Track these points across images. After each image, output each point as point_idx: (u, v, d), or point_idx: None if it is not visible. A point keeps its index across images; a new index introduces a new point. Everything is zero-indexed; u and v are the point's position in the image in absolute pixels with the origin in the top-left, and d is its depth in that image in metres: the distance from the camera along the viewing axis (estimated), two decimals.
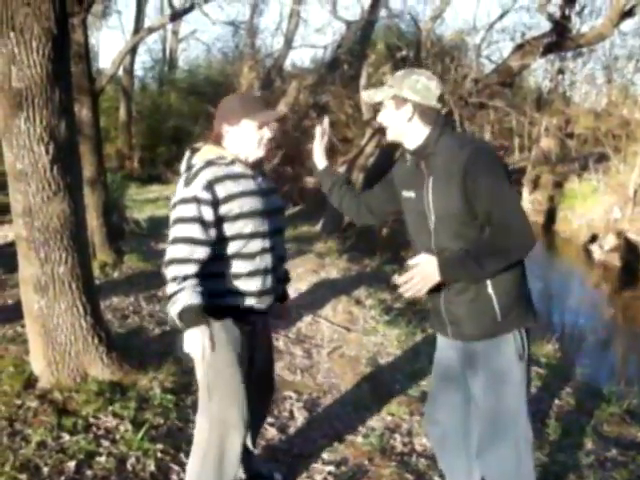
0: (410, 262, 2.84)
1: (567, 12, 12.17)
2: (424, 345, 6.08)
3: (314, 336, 6.21)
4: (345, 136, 20.92)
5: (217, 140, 3.04)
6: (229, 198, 2.88)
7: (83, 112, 7.41)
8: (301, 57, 51.84)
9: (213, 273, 2.94)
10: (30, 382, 4.56)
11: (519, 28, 16.70)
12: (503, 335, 2.87)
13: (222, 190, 2.87)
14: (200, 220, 2.83)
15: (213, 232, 2.87)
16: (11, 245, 8.21)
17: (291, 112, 17.37)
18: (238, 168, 2.99)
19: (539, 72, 22.75)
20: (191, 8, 12.62)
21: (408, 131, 2.86)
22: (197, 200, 2.83)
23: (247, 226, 2.93)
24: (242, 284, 2.97)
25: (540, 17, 13.37)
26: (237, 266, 2.96)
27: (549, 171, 20.90)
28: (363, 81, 15.63)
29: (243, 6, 26.41)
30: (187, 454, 3.81)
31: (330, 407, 4.76)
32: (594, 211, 17.34)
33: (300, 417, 4.55)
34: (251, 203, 2.94)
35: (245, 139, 3.00)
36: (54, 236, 4.31)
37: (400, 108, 2.83)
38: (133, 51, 21.21)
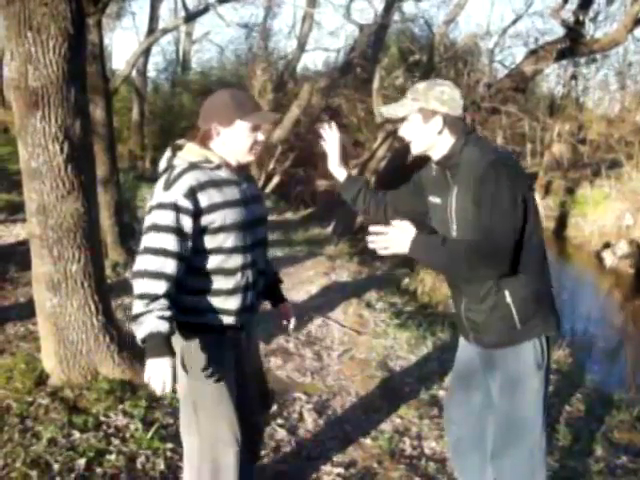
0: (394, 222, 2.81)
1: (581, 18, 12.16)
2: (434, 349, 6.09)
3: (324, 338, 6.22)
4: (357, 139, 20.95)
5: (204, 140, 2.78)
6: (211, 208, 2.66)
7: (97, 112, 7.43)
8: (314, 60, 51.89)
9: (191, 289, 2.76)
10: (41, 379, 4.58)
11: (532, 33, 16.71)
12: (522, 343, 2.87)
13: (205, 199, 2.65)
14: (177, 230, 2.60)
15: (189, 245, 2.65)
16: (23, 244, 8.29)
17: (303, 115, 17.41)
18: (223, 173, 2.77)
19: (552, 77, 22.78)
20: (206, 10, 12.68)
21: (437, 143, 2.84)
22: (176, 208, 2.59)
23: (228, 239, 2.73)
24: (222, 302, 2.79)
25: (554, 23, 13.36)
26: (217, 282, 2.75)
27: (561, 177, 20.83)
28: (376, 84, 15.65)
29: (257, 8, 26.43)
30: None
31: (340, 409, 4.76)
32: (606, 217, 17.29)
33: (310, 419, 4.56)
34: (234, 214, 2.73)
35: (237, 141, 2.76)
36: (67, 234, 4.33)
37: (429, 121, 2.80)
38: (146, 52, 21.29)
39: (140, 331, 2.56)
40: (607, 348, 7.94)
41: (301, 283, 7.91)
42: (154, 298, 2.56)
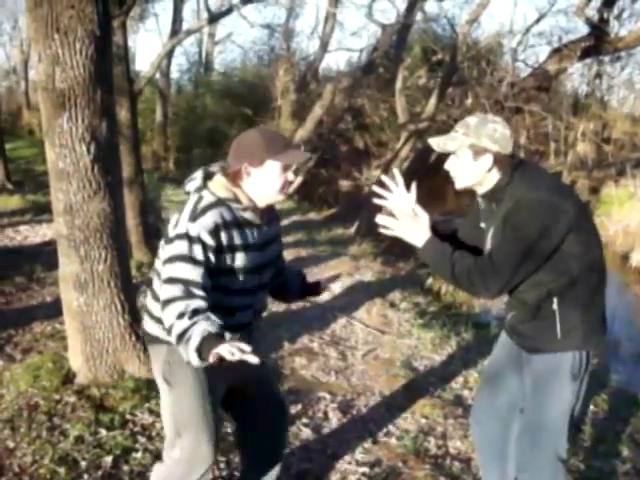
0: (415, 207, 2.85)
1: (605, 15, 12.07)
2: (458, 349, 6.08)
3: (348, 338, 6.23)
4: (379, 139, 20.92)
5: (235, 178, 2.72)
6: (229, 249, 2.65)
7: (122, 113, 7.48)
8: (337, 60, 51.73)
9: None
10: (68, 378, 4.63)
11: (556, 32, 16.61)
12: (562, 352, 2.87)
13: (225, 238, 2.63)
14: (206, 265, 2.58)
15: (210, 282, 2.60)
16: (49, 244, 8.38)
17: (326, 115, 17.41)
18: (249, 215, 2.73)
19: (576, 76, 22.59)
20: (229, 11, 12.72)
21: (484, 179, 2.84)
22: (202, 243, 2.56)
23: (236, 281, 2.73)
24: None
25: (578, 21, 13.26)
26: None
27: (585, 176, 20.67)
28: (399, 84, 15.61)
29: (279, 9, 26.44)
30: (221, 452, 3.88)
31: (364, 408, 4.77)
32: (631, 217, 17.12)
33: (334, 418, 4.57)
34: (246, 258, 2.71)
35: (268, 181, 2.70)
36: (94, 234, 4.36)
37: (478, 158, 2.78)
38: (170, 53, 21.38)
39: (192, 344, 2.39)
40: (632, 348, 7.86)
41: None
42: (193, 312, 2.47)
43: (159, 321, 2.67)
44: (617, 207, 17.98)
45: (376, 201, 2.93)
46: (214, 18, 13.97)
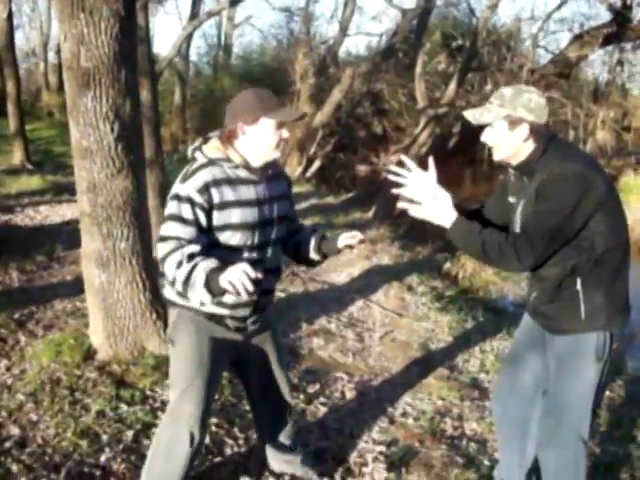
0: (436, 187, 2.86)
1: (628, 2, 11.98)
2: (475, 333, 6.09)
3: (366, 320, 6.26)
4: (397, 125, 20.89)
5: (229, 138, 2.81)
6: (222, 205, 2.73)
7: (143, 94, 7.48)
8: (356, 44, 51.57)
9: None
10: (89, 354, 4.69)
11: (578, 18, 16.54)
12: (585, 333, 2.88)
13: (217, 195, 2.71)
14: (192, 222, 2.68)
15: (204, 239, 2.71)
16: (69, 223, 8.46)
17: (345, 99, 17.40)
18: (242, 172, 2.81)
19: (597, 64, 22.44)
20: None
21: (519, 150, 2.84)
22: (191, 202, 2.67)
23: (234, 237, 2.79)
24: None
25: (600, 7, 13.20)
26: None
27: (604, 164, 20.54)
28: (418, 69, 15.57)
29: None
30: (241, 429, 3.95)
31: (381, 389, 4.80)
32: None
33: (351, 398, 4.61)
34: (242, 214, 2.77)
35: (262, 139, 2.78)
36: (117, 212, 4.41)
37: (515, 129, 2.79)
38: (189, 36, 21.38)
39: (198, 284, 2.52)
40: None
41: (342, 265, 7.95)
42: (189, 257, 2.58)
43: (172, 284, 2.73)
44: (636, 196, 17.87)
45: (394, 190, 2.95)
46: (235, 0, 13.96)
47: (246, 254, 2.83)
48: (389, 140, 20.20)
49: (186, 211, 2.67)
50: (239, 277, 2.42)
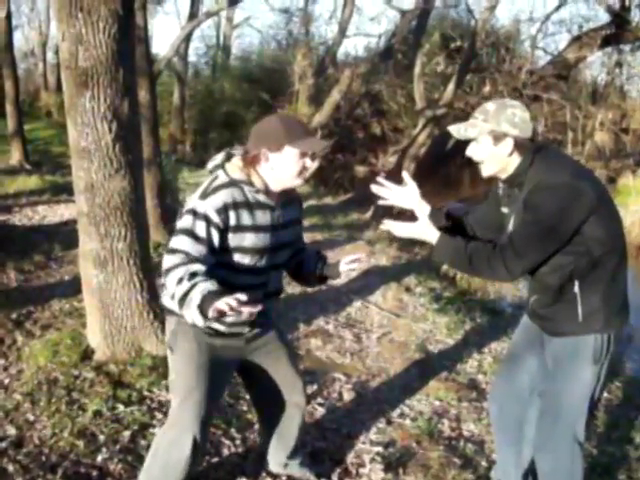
0: (416, 203, 2.96)
1: (627, 3, 11.99)
2: (473, 334, 6.10)
3: (364, 321, 6.26)
4: (396, 126, 20.88)
5: (252, 162, 2.77)
6: (237, 229, 2.71)
7: (141, 94, 7.47)
8: (355, 45, 51.76)
9: None
10: (86, 354, 4.68)
11: (576, 20, 16.52)
12: (583, 335, 2.88)
13: (233, 218, 2.69)
14: (205, 241, 2.64)
15: (212, 258, 2.68)
16: (67, 224, 8.45)
17: (343, 100, 17.39)
18: (261, 197, 2.78)
19: (595, 65, 22.43)
20: None
21: (506, 165, 2.85)
22: (207, 220, 2.64)
23: (243, 259, 2.78)
24: None
25: (599, 9, 13.21)
26: None
27: (602, 166, 20.55)
28: (417, 70, 15.58)
29: None
30: (238, 430, 3.94)
31: (379, 390, 4.80)
32: None
33: (349, 398, 4.61)
34: (255, 239, 2.77)
35: (285, 167, 2.75)
36: (114, 212, 4.40)
37: (499, 143, 2.81)
38: (187, 37, 21.38)
39: (193, 303, 2.44)
40: None
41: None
42: (192, 275, 2.53)
43: (171, 297, 2.69)
44: (634, 198, 17.88)
45: (380, 202, 3.03)
46: (234, 0, 13.95)
47: (251, 276, 2.84)
48: (388, 141, 20.20)
49: (200, 228, 2.64)
50: (231, 306, 2.34)
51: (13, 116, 14.39)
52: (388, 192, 3.00)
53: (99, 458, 3.56)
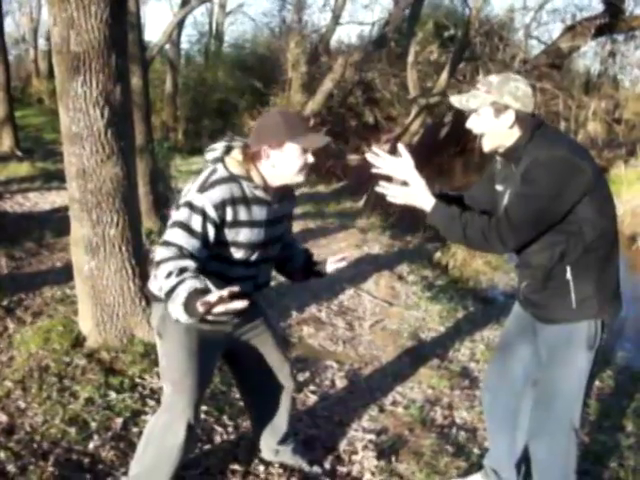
0: (410, 173, 2.89)
1: None
2: (465, 322, 6.11)
3: (356, 309, 6.25)
4: (389, 114, 20.86)
5: (253, 158, 2.76)
6: (233, 224, 2.70)
7: (134, 81, 7.44)
8: (348, 33, 51.59)
9: None
10: (78, 341, 4.66)
11: (570, 9, 16.55)
12: (576, 322, 2.88)
13: (230, 213, 2.68)
14: (200, 235, 2.62)
15: (206, 252, 2.67)
16: (58, 211, 8.42)
17: (337, 89, 17.35)
18: (259, 193, 2.77)
19: (589, 55, 22.45)
20: None
21: (506, 137, 2.84)
22: (204, 215, 2.62)
23: (236, 253, 2.78)
24: None
25: None
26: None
27: (595, 156, 20.56)
28: (410, 59, 15.55)
29: None
30: (230, 416, 3.94)
31: (371, 378, 4.80)
32: (639, 198, 17.09)
33: (341, 386, 4.60)
34: (250, 234, 2.76)
35: (286, 163, 2.73)
36: (106, 199, 4.38)
37: (500, 115, 2.80)
38: (180, 24, 21.26)
39: (178, 300, 2.41)
40: (638, 326, 7.88)
41: (333, 254, 7.90)
42: (181, 270, 2.49)
43: (160, 290, 2.67)
44: (626, 187, 17.91)
45: (373, 170, 2.99)
46: None
47: (243, 268, 2.84)
48: (380, 129, 20.18)
49: (196, 222, 2.62)
50: (222, 296, 2.32)
51: (4, 102, 14.32)
52: (382, 162, 2.97)
53: (91, 445, 3.55)
